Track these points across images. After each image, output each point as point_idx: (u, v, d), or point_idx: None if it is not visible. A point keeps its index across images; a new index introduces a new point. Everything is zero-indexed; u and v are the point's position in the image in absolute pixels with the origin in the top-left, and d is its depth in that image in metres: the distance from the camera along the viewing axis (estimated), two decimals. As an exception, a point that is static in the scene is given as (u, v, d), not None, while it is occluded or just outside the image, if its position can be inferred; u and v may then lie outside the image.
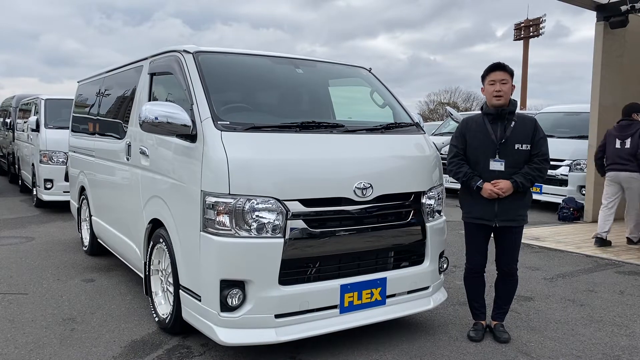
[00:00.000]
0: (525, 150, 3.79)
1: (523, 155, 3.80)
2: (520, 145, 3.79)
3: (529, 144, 3.79)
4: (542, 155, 3.80)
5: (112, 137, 5.25)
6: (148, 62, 4.57)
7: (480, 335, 3.97)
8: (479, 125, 3.90)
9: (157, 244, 4.02)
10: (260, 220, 3.25)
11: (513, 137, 3.80)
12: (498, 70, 3.84)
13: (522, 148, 3.79)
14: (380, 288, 3.65)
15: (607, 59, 9.51)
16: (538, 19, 51.97)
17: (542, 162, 3.79)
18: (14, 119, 12.95)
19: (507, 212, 3.81)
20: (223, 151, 3.26)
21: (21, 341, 3.82)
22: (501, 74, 3.82)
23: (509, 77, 3.83)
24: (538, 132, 3.82)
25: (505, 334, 3.96)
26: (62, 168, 9.14)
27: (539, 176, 3.80)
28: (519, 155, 3.80)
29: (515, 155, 3.79)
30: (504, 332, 3.99)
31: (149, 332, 4.01)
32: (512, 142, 3.80)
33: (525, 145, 3.79)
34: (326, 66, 4.65)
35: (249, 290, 3.27)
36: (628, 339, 4.05)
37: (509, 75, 3.84)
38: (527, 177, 3.76)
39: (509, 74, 3.84)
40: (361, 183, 3.54)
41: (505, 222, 3.83)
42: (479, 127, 3.90)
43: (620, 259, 6.66)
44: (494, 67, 3.86)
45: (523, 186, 3.75)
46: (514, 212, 3.82)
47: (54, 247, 6.86)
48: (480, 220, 3.90)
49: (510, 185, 3.75)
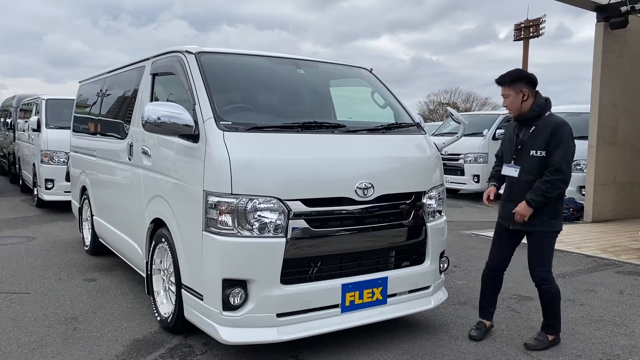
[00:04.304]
0: (540, 157, 3.69)
1: (537, 162, 3.69)
2: (535, 152, 3.71)
3: (544, 151, 3.67)
4: (553, 165, 3.61)
5: (113, 137, 5.27)
6: (150, 63, 4.59)
7: (481, 335, 3.96)
8: (510, 129, 3.99)
9: (159, 243, 4.04)
10: (263, 220, 3.27)
11: (529, 143, 3.74)
12: (499, 84, 3.85)
13: (537, 154, 3.70)
14: (381, 287, 3.67)
15: (607, 59, 9.54)
16: (538, 19, 51.93)
17: (552, 173, 3.61)
18: (14, 119, 12.96)
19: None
20: (225, 151, 3.28)
21: (24, 340, 3.83)
22: (502, 90, 3.82)
23: (508, 90, 3.76)
24: (554, 139, 3.63)
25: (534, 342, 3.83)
26: (63, 168, 9.16)
27: (550, 189, 3.61)
28: (533, 162, 3.71)
29: (529, 162, 3.73)
30: (535, 339, 3.85)
31: (151, 331, 4.03)
32: (527, 148, 3.75)
33: (540, 151, 3.68)
34: (327, 67, 4.67)
35: (251, 290, 3.28)
36: (627, 339, 4.07)
37: (508, 87, 3.76)
38: (537, 192, 3.63)
39: (508, 85, 3.77)
40: (362, 183, 3.56)
41: (518, 226, 3.82)
42: (509, 130, 3.99)
43: (620, 259, 6.68)
44: (496, 82, 3.88)
45: (535, 202, 3.64)
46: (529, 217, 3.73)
47: (56, 246, 6.88)
48: (501, 220, 3.99)
49: (524, 205, 3.68)
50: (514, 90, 3.76)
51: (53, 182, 9.26)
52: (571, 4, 9.60)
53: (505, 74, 3.83)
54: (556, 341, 3.90)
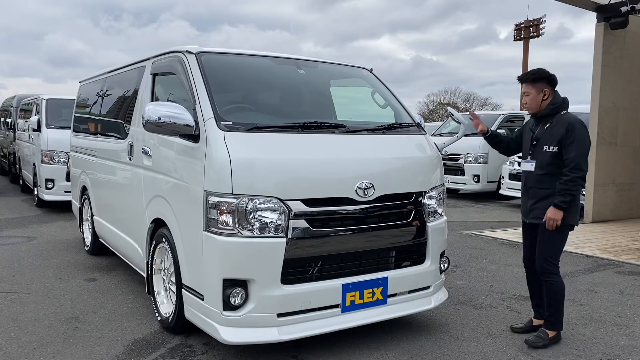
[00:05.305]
0: (552, 152, 3.77)
1: (549, 158, 3.78)
2: (548, 147, 3.80)
3: (557, 146, 3.75)
4: (570, 161, 3.66)
5: (114, 137, 5.27)
6: (151, 63, 4.59)
7: (521, 329, 4.10)
8: (529, 125, 4.07)
9: (159, 243, 4.04)
10: (263, 219, 3.27)
11: (544, 139, 3.84)
12: (521, 82, 3.96)
13: (549, 150, 3.78)
14: (381, 287, 3.67)
15: (607, 59, 9.54)
16: (538, 19, 51.96)
17: (572, 171, 3.65)
18: (14, 119, 12.97)
19: (535, 209, 3.88)
20: (226, 151, 3.28)
21: (24, 340, 3.84)
22: (523, 87, 3.93)
23: (530, 88, 3.86)
24: (569, 135, 3.70)
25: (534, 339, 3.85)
26: (63, 168, 9.16)
27: (574, 186, 3.66)
28: (545, 157, 3.80)
29: (542, 157, 3.83)
30: (536, 336, 3.87)
31: (151, 331, 4.03)
32: (542, 144, 3.85)
33: (553, 147, 3.76)
34: (328, 67, 4.67)
35: (252, 290, 3.29)
36: (628, 339, 4.07)
37: (531, 85, 3.86)
38: (562, 193, 3.68)
39: (531, 84, 3.86)
40: (363, 183, 3.56)
41: (532, 220, 3.92)
42: (528, 127, 4.07)
43: (620, 259, 6.68)
44: (518, 80, 4.00)
45: (565, 203, 3.68)
46: (540, 210, 3.83)
47: (56, 246, 6.88)
48: (521, 215, 4.11)
49: (553, 209, 3.72)
50: (536, 89, 3.86)
51: (53, 182, 9.26)
52: (571, 4, 9.61)
53: (529, 73, 3.94)
54: (557, 339, 3.91)
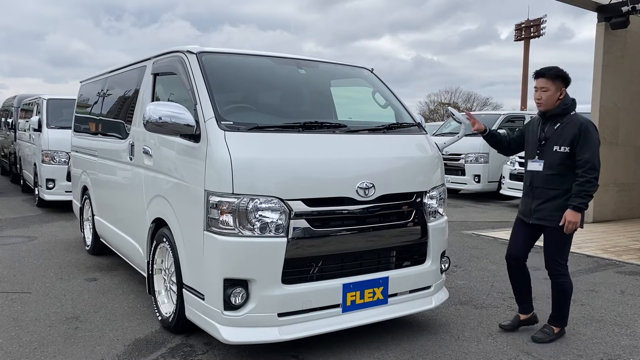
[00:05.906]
0: (562, 153, 3.75)
1: (559, 157, 3.76)
2: (558, 147, 3.77)
3: (568, 147, 3.73)
4: (585, 162, 3.66)
5: (115, 137, 5.27)
6: (151, 63, 4.59)
7: (509, 326, 4.08)
8: (534, 125, 4.02)
9: (160, 243, 4.05)
10: (264, 219, 3.28)
11: (553, 139, 3.81)
12: (539, 77, 3.86)
13: (560, 150, 3.76)
14: (382, 287, 3.67)
15: (608, 59, 9.53)
16: (539, 19, 52.00)
17: (587, 172, 3.65)
18: (15, 119, 12.98)
19: (541, 210, 3.85)
20: (226, 151, 3.28)
21: (25, 339, 3.84)
22: (542, 82, 3.83)
23: (550, 84, 3.79)
24: (583, 137, 3.69)
25: (540, 335, 3.92)
26: (64, 168, 9.17)
27: (590, 187, 3.66)
28: (555, 157, 3.77)
29: (551, 157, 3.79)
30: (542, 332, 3.95)
31: (152, 330, 4.03)
32: (551, 144, 3.81)
33: (564, 147, 3.74)
34: (328, 66, 4.67)
35: (252, 289, 3.29)
36: (628, 339, 4.07)
37: (551, 81, 3.79)
38: (581, 195, 3.67)
39: (551, 80, 3.79)
40: (363, 183, 3.56)
41: (538, 221, 3.88)
42: (534, 126, 4.02)
43: (620, 259, 6.68)
44: (536, 75, 3.90)
45: (585, 205, 3.69)
46: (548, 211, 3.81)
47: (57, 246, 6.89)
48: (520, 215, 4.04)
49: (571, 212, 3.70)
50: (555, 86, 3.81)
51: (54, 181, 9.27)
52: (572, 4, 9.60)
53: (551, 68, 3.84)
54: (562, 333, 4.01)
